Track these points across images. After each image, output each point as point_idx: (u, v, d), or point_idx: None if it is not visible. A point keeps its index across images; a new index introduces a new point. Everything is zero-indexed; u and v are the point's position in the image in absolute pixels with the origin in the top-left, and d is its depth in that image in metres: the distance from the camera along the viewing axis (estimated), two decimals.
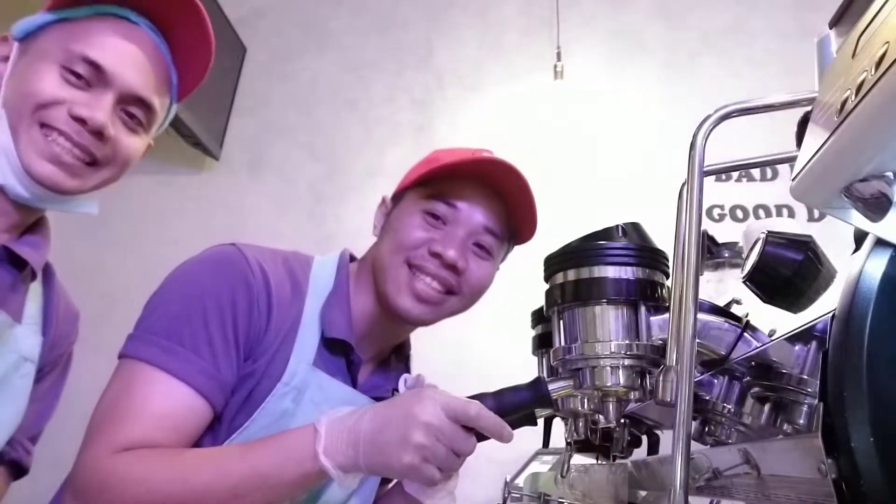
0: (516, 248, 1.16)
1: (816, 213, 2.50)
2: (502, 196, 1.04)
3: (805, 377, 0.61)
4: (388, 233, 1.03)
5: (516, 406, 0.83)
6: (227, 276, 0.91)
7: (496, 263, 1.07)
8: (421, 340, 1.16)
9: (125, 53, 0.89)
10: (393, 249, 1.00)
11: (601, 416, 0.84)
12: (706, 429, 0.80)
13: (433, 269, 0.98)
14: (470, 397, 0.84)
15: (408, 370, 1.11)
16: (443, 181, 1.01)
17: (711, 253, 1.19)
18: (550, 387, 0.82)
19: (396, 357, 1.11)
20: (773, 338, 0.66)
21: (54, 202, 0.94)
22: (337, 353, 0.98)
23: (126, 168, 0.98)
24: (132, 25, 0.90)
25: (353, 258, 1.10)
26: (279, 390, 0.92)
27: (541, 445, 1.19)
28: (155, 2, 0.90)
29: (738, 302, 0.81)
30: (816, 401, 0.53)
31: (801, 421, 0.62)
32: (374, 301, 1.02)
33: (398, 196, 1.07)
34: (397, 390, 1.04)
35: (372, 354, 1.06)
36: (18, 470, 1.03)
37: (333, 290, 1.00)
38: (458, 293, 1.01)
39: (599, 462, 1.23)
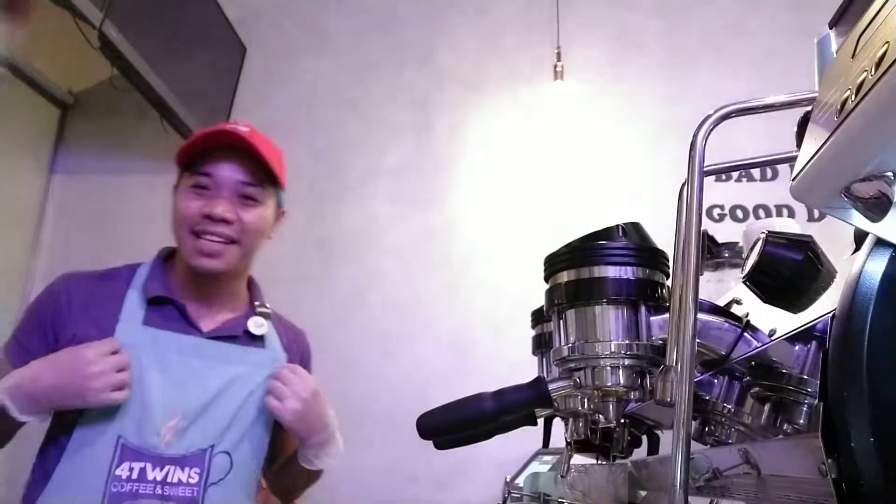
0: (517, 248, 1.16)
1: (816, 213, 2.50)
2: (252, 152, 1.23)
3: (805, 377, 0.61)
4: (173, 214, 1.24)
5: (517, 405, 0.82)
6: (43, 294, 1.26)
7: (267, 207, 1.28)
8: (421, 340, 1.16)
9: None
10: (178, 223, 1.22)
11: (601, 416, 0.84)
12: (706, 429, 0.80)
13: (210, 227, 1.20)
14: (470, 397, 0.84)
15: (254, 312, 1.31)
16: (199, 159, 1.22)
17: (711, 253, 1.19)
18: (551, 386, 0.81)
19: (245, 305, 1.33)
20: (773, 338, 0.66)
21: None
22: (167, 308, 1.22)
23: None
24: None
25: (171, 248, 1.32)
26: None
27: (541, 445, 1.19)
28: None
29: (738, 302, 0.80)
30: (816, 401, 0.53)
31: (801, 421, 0.62)
32: (187, 269, 1.24)
33: (177, 184, 1.27)
34: (248, 330, 1.28)
35: (206, 306, 1.27)
36: None
37: (150, 270, 1.26)
38: (237, 240, 1.23)
39: (599, 462, 1.23)
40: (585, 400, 0.87)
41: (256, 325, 1.29)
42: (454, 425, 0.86)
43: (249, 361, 1.26)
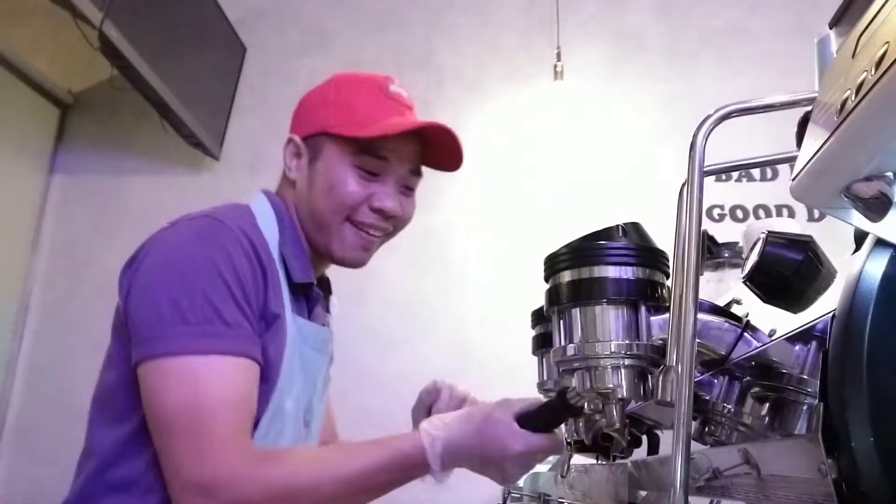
0: (517, 247, 1.17)
1: (816, 213, 2.50)
2: (423, 134, 1.06)
3: (805, 377, 0.61)
4: (317, 186, 1.04)
5: (552, 422, 0.87)
6: (218, 244, 0.91)
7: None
8: (420, 340, 1.16)
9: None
10: (334, 208, 1.02)
11: (602, 418, 0.85)
12: (706, 429, 0.80)
13: (375, 222, 1.04)
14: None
15: (331, 292, 1.18)
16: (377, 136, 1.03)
17: (711, 253, 1.19)
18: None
19: (323, 284, 1.16)
20: (773, 338, 0.66)
21: None
22: (300, 294, 1.04)
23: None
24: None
25: (285, 205, 1.10)
26: (289, 348, 0.96)
27: None
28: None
29: (738, 302, 0.80)
30: (816, 401, 0.53)
31: (802, 421, 0.62)
32: (308, 244, 1.06)
33: (312, 142, 1.06)
34: (329, 312, 1.14)
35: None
36: None
37: (283, 235, 1.02)
38: (392, 234, 1.10)
39: (599, 462, 1.23)
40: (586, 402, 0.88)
41: (334, 305, 1.17)
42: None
43: (329, 348, 1.14)
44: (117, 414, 0.91)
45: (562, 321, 0.78)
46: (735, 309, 0.78)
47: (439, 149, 1.08)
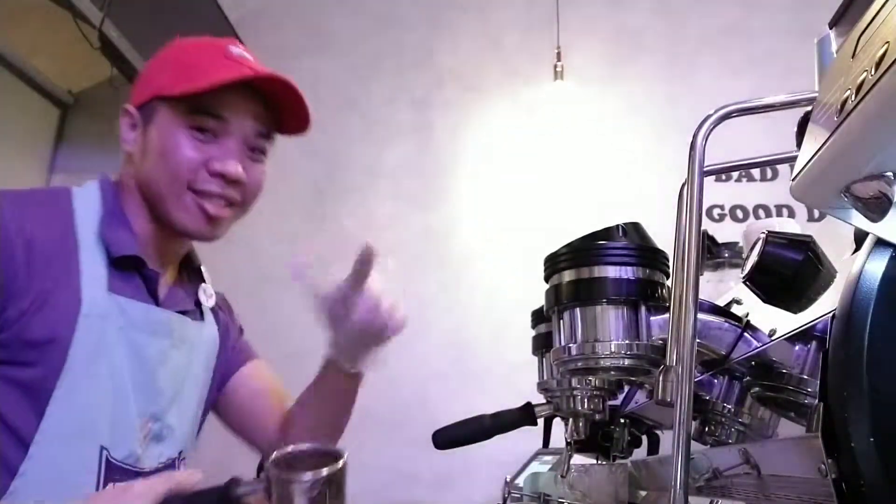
0: (517, 247, 1.17)
1: (816, 213, 2.50)
2: (262, 92, 0.99)
3: (805, 377, 0.61)
4: (151, 154, 0.95)
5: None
6: None
7: (267, 157, 1.04)
8: (421, 340, 1.16)
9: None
10: (169, 176, 0.94)
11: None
12: (706, 429, 0.80)
13: (218, 189, 0.95)
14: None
15: (202, 279, 1.08)
16: (207, 93, 0.94)
17: (711, 253, 1.19)
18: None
19: (188, 270, 1.09)
20: (773, 338, 0.66)
21: None
22: (129, 271, 0.94)
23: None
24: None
25: (114, 184, 1.02)
26: (83, 323, 0.86)
27: (541, 445, 1.19)
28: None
29: (738, 302, 0.80)
30: (816, 401, 0.53)
31: (801, 421, 0.62)
32: (151, 221, 0.98)
33: (146, 108, 0.97)
34: (200, 302, 1.06)
35: (162, 271, 1.01)
36: None
37: (106, 213, 0.95)
38: (241, 204, 0.99)
39: (599, 462, 1.23)
40: (585, 400, 0.88)
41: (207, 294, 1.07)
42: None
43: (199, 340, 1.04)
44: None
45: (562, 321, 0.78)
46: (735, 309, 0.78)
47: (286, 109, 1.01)
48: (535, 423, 1.07)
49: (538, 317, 1.04)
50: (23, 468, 0.83)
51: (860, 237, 0.55)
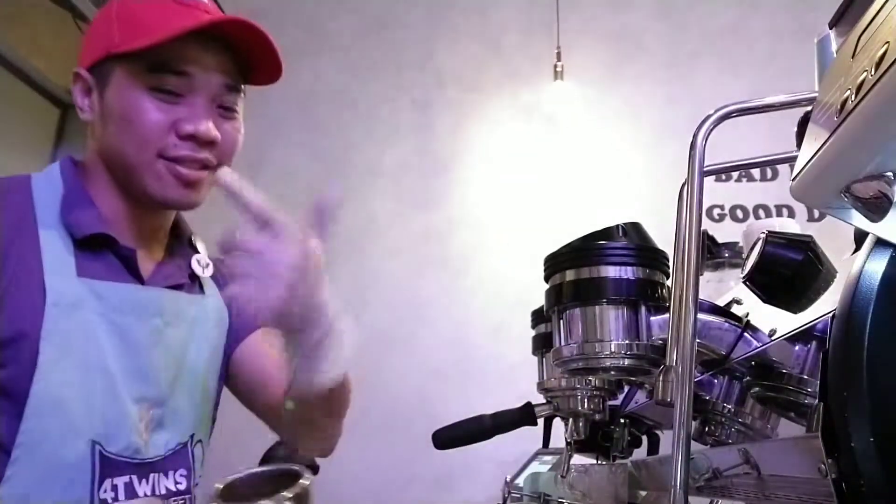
0: (517, 247, 1.16)
1: (816, 213, 2.50)
2: (226, 40, 0.89)
3: (805, 377, 0.61)
4: (112, 122, 0.87)
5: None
6: None
7: (240, 118, 0.95)
8: (421, 340, 1.16)
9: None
10: (137, 145, 0.86)
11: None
12: (706, 429, 0.80)
13: (191, 152, 0.87)
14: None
15: (195, 250, 1.01)
16: (165, 46, 0.84)
17: (711, 253, 1.19)
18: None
19: (178, 241, 1.01)
20: (773, 338, 0.66)
21: None
22: (101, 253, 0.88)
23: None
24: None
25: (75, 163, 0.95)
26: (51, 313, 0.81)
27: (541, 445, 1.19)
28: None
29: (738, 302, 0.80)
30: (816, 401, 0.53)
31: (801, 421, 0.62)
32: (120, 196, 0.91)
33: (99, 70, 0.88)
34: (194, 274, 0.98)
35: (144, 246, 0.94)
36: None
37: (66, 193, 0.88)
38: (217, 166, 0.90)
39: (599, 462, 1.23)
40: (585, 400, 0.88)
41: (201, 264, 0.99)
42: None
43: (202, 314, 0.98)
44: None
45: (562, 321, 0.78)
46: (735, 309, 0.78)
47: (256, 58, 0.92)
48: (535, 423, 1.07)
49: (538, 317, 1.04)
50: (8, 473, 0.78)
51: (860, 237, 0.55)
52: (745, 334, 0.70)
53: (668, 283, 0.75)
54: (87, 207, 0.88)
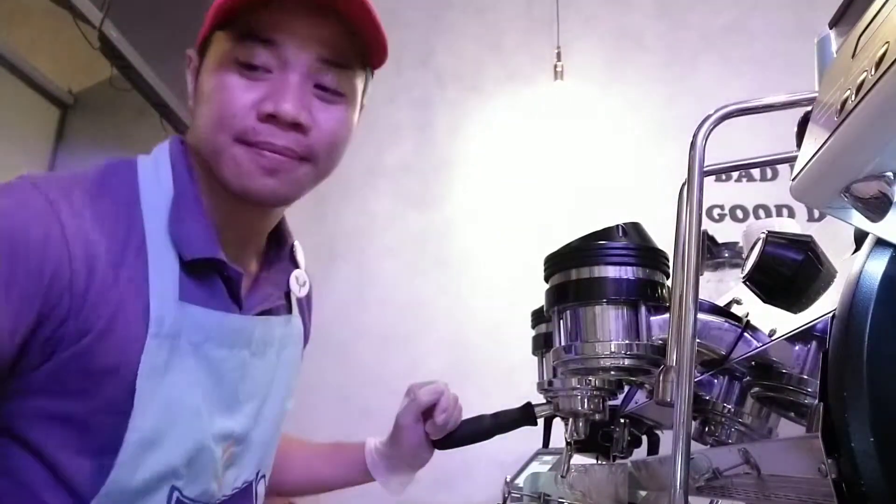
0: (517, 247, 1.16)
1: (816, 213, 2.50)
2: (335, 12, 0.75)
3: (805, 377, 0.61)
4: (202, 101, 0.76)
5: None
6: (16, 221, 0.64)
7: (354, 102, 0.80)
8: (421, 340, 1.16)
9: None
10: (215, 125, 0.74)
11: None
12: (706, 429, 0.80)
13: (272, 139, 0.73)
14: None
15: (295, 264, 0.90)
16: (251, 12, 0.73)
17: (711, 253, 1.19)
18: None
19: (278, 250, 0.89)
20: (773, 338, 0.66)
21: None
22: (206, 274, 0.76)
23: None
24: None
25: (185, 151, 0.82)
26: (151, 345, 0.69)
27: (541, 445, 1.19)
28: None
29: (738, 302, 0.80)
30: (816, 401, 0.53)
31: (801, 421, 0.62)
32: (217, 194, 0.78)
33: (203, 47, 0.79)
34: (290, 292, 0.87)
35: (244, 257, 0.83)
36: None
37: (176, 197, 0.75)
38: (311, 159, 0.77)
39: (599, 462, 1.23)
40: (585, 400, 0.88)
41: (299, 282, 0.88)
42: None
43: (288, 339, 0.88)
44: None
45: (561, 321, 0.78)
46: (735, 309, 0.78)
47: (366, 35, 0.77)
48: (535, 423, 1.07)
49: (538, 317, 1.04)
50: None
51: (860, 237, 0.55)
52: (745, 334, 0.70)
53: (668, 283, 0.75)
54: (198, 219, 0.75)
